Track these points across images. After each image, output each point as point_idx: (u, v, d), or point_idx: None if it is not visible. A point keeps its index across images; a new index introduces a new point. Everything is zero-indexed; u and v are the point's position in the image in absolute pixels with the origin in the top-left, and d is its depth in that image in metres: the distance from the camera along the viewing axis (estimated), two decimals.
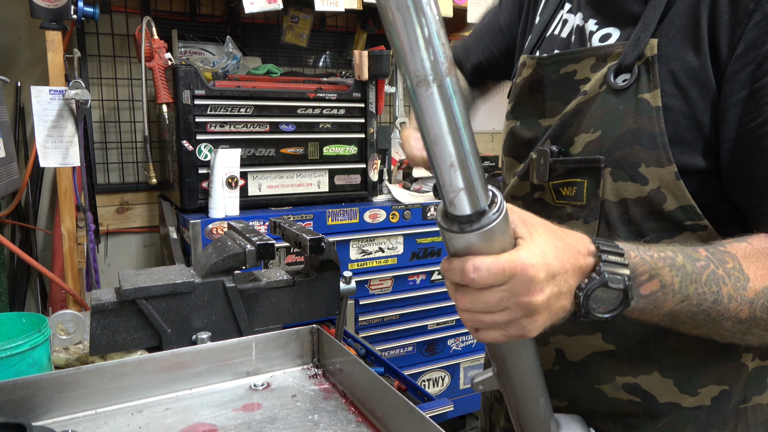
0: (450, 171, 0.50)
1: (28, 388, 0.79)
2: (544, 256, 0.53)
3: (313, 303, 1.13)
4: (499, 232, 0.53)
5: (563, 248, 0.56)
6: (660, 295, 0.59)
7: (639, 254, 0.59)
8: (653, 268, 0.59)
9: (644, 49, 0.69)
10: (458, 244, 0.54)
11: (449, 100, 0.48)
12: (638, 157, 0.69)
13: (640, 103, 0.69)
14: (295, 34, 2.62)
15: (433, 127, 0.49)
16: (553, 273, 0.54)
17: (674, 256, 0.60)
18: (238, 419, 0.82)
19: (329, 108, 2.18)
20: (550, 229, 0.58)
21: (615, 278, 0.56)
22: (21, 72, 2.27)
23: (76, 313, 1.07)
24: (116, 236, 2.52)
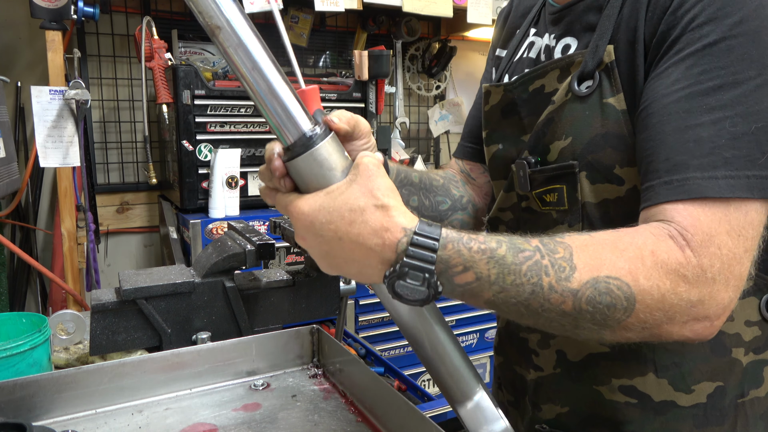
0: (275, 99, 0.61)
1: (28, 388, 0.79)
2: (318, 218, 0.58)
3: (313, 303, 1.13)
4: (313, 163, 0.59)
5: (352, 224, 0.57)
6: (475, 285, 0.59)
7: (456, 246, 0.58)
8: (468, 261, 0.58)
9: (602, 55, 0.72)
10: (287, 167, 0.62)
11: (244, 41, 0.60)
12: (611, 159, 0.71)
13: (605, 107, 0.71)
14: (295, 34, 2.62)
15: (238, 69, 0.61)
16: (318, 234, 0.59)
17: (496, 247, 0.59)
18: (238, 419, 0.82)
19: (329, 108, 2.19)
20: (366, 193, 0.58)
21: (415, 274, 0.57)
22: (21, 72, 2.27)
23: (76, 313, 1.07)
24: (116, 236, 2.52)
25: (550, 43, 0.83)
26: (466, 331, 2.53)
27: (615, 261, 0.58)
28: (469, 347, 2.56)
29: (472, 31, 2.99)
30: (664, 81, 0.64)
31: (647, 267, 0.57)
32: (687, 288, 0.57)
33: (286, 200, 0.62)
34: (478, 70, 3.34)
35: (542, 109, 0.80)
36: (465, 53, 3.23)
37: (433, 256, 0.57)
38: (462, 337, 2.52)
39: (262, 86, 0.61)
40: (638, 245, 0.58)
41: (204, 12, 0.56)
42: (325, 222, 0.58)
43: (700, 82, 0.62)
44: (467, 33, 3.04)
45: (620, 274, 0.57)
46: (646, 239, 0.59)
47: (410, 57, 3.01)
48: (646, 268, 0.57)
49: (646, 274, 0.57)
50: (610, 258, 0.58)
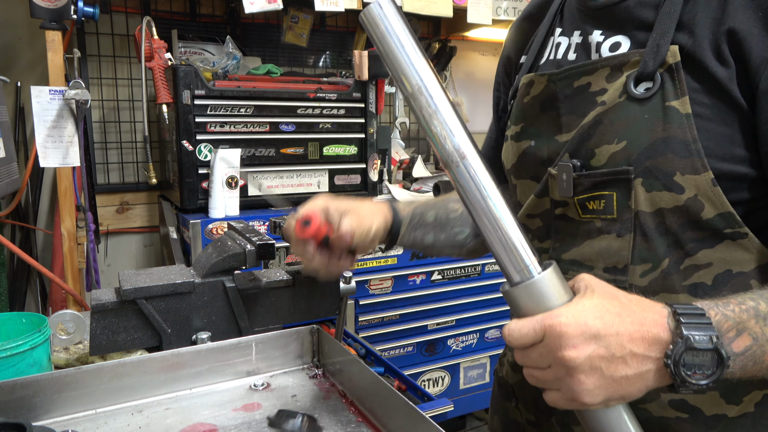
0: (491, 238, 0.61)
1: (28, 388, 0.79)
2: (582, 315, 0.55)
3: (313, 303, 1.13)
4: (541, 290, 0.58)
5: (618, 313, 0.56)
6: (756, 349, 0.57)
7: (719, 310, 0.57)
8: (739, 323, 0.57)
9: (665, 56, 0.68)
10: (510, 301, 0.61)
11: (474, 176, 0.60)
12: (672, 165, 0.68)
13: (668, 110, 0.68)
14: (295, 34, 2.62)
15: (469, 200, 0.61)
16: (593, 333, 0.54)
17: (756, 305, 0.58)
18: (238, 419, 0.82)
19: (329, 108, 2.19)
20: (612, 295, 0.57)
21: (702, 338, 0.54)
22: (21, 72, 2.27)
23: (76, 313, 1.07)
24: (116, 236, 2.52)
25: (597, 38, 0.78)
26: (465, 331, 2.53)
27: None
28: (469, 347, 2.56)
29: (472, 31, 2.99)
30: None
31: None
32: None
33: (537, 318, 0.57)
34: (478, 70, 3.34)
35: (584, 108, 0.77)
36: (465, 53, 3.23)
37: (707, 320, 0.56)
38: (462, 337, 2.52)
39: (496, 218, 0.61)
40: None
41: None
42: (598, 319, 0.55)
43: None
44: (467, 33, 3.04)
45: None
46: None
47: None
48: None
49: None
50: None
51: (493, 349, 2.62)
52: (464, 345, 2.54)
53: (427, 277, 2.37)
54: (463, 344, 2.53)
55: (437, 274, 2.40)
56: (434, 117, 0.60)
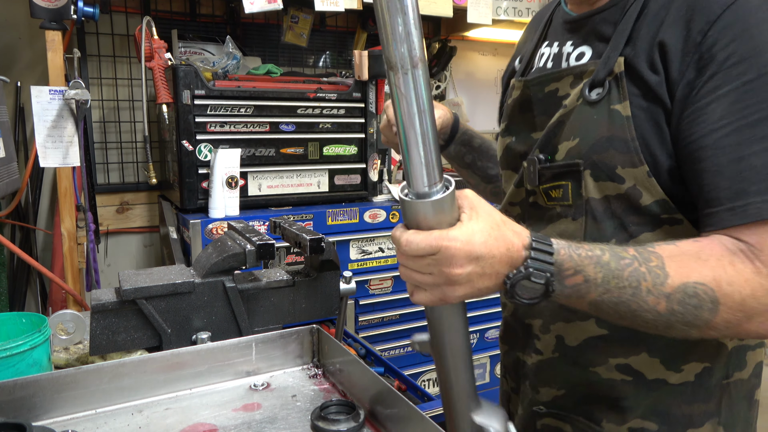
0: (412, 148, 0.63)
1: (28, 388, 0.79)
2: (471, 239, 0.63)
3: (313, 303, 1.13)
4: (441, 208, 0.63)
5: (496, 237, 0.64)
6: (583, 287, 0.67)
7: (568, 252, 0.67)
8: (578, 265, 0.67)
9: (613, 66, 0.79)
10: (408, 212, 0.65)
11: (418, 88, 0.60)
12: (614, 160, 0.78)
13: (612, 113, 0.78)
14: (295, 34, 2.62)
15: (403, 109, 0.61)
16: (477, 256, 0.63)
17: (601, 254, 0.68)
18: (238, 419, 0.82)
19: (329, 108, 2.18)
20: (492, 219, 0.65)
21: (539, 274, 0.65)
22: (21, 72, 2.27)
23: (76, 313, 1.07)
24: (116, 236, 2.52)
25: (567, 49, 0.89)
26: None
27: (700, 269, 0.67)
28: None
29: (472, 31, 2.98)
30: (710, 117, 0.71)
31: (729, 275, 0.66)
32: (764, 293, 0.66)
33: (441, 237, 0.63)
34: (478, 70, 3.34)
35: (553, 110, 0.87)
36: (465, 53, 3.23)
37: (552, 258, 0.66)
38: None
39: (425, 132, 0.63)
40: (718, 256, 0.68)
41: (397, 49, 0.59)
42: (482, 243, 0.64)
43: (746, 116, 0.69)
44: (467, 33, 3.04)
45: (706, 281, 0.66)
46: (723, 252, 0.68)
47: None
48: (728, 276, 0.66)
49: (728, 280, 0.66)
50: (696, 267, 0.67)
51: (493, 349, 2.62)
52: None
53: None
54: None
55: None
56: (400, 14, 0.58)
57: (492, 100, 3.45)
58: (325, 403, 0.81)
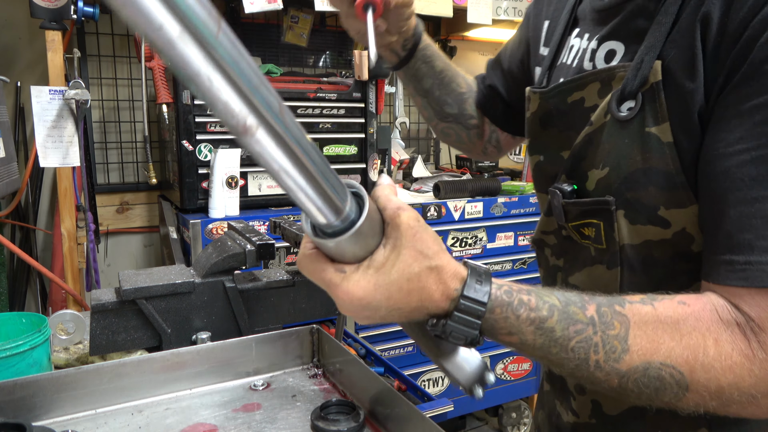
0: (295, 196, 0.47)
1: (28, 388, 0.79)
2: (367, 295, 0.51)
3: (313, 303, 1.13)
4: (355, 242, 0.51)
5: (409, 291, 0.52)
6: (520, 347, 0.57)
7: (504, 313, 0.55)
8: (514, 328, 0.55)
9: (648, 73, 0.61)
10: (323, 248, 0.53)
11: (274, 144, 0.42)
12: (655, 199, 0.62)
13: (647, 138, 0.61)
14: (295, 34, 2.62)
15: (270, 167, 0.44)
16: (375, 307, 0.52)
17: (547, 317, 0.55)
18: (238, 419, 0.82)
19: (329, 108, 2.19)
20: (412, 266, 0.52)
21: (458, 336, 0.54)
22: (21, 72, 2.27)
23: (76, 313, 1.07)
24: (116, 236, 2.52)
25: (593, 45, 0.71)
26: None
27: (673, 347, 0.54)
28: None
29: (472, 31, 2.98)
30: (727, 136, 0.55)
31: (708, 357, 0.53)
32: (751, 383, 0.53)
33: (332, 284, 0.53)
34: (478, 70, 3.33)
35: (579, 124, 0.71)
36: (465, 53, 3.23)
37: (477, 322, 0.54)
38: None
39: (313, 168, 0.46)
40: (702, 331, 0.54)
41: None
42: (383, 299, 0.52)
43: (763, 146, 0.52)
44: (467, 33, 3.04)
45: (676, 363, 0.53)
46: (711, 324, 0.54)
47: None
48: (707, 359, 0.53)
49: (706, 365, 0.53)
50: (669, 343, 0.54)
51: (493, 349, 2.62)
52: None
53: None
54: None
55: None
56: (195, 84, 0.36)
57: None
58: (325, 403, 0.81)
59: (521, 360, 2.74)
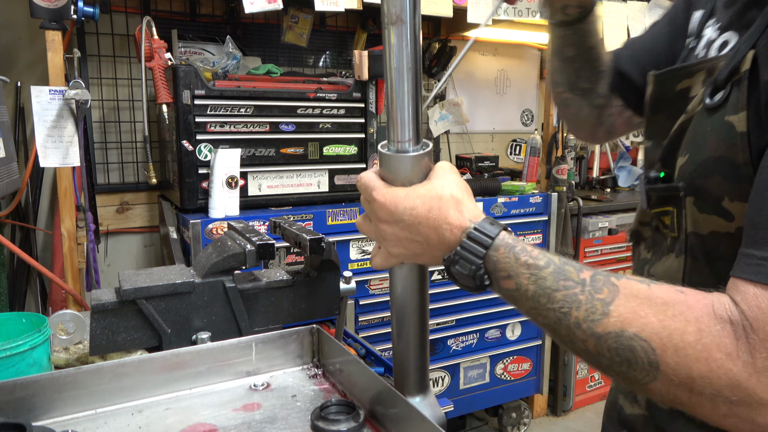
0: (391, 100, 0.66)
1: (28, 388, 0.79)
2: (398, 200, 0.64)
3: (313, 303, 1.13)
4: (407, 165, 0.66)
5: (430, 208, 0.63)
6: (515, 294, 0.60)
7: (506, 253, 0.60)
8: (512, 270, 0.60)
9: (739, 62, 0.60)
10: (382, 161, 0.69)
11: (402, 43, 0.63)
12: (720, 189, 0.62)
13: (725, 126, 0.61)
14: (295, 34, 2.62)
15: (396, 61, 0.64)
16: (399, 218, 0.64)
17: (543, 266, 0.59)
18: (238, 419, 0.82)
19: (329, 108, 2.18)
20: (439, 191, 0.63)
21: (465, 265, 0.61)
22: (21, 72, 2.27)
23: (76, 313, 1.07)
24: (116, 236, 2.52)
25: (715, 35, 0.72)
26: (466, 331, 2.53)
27: (652, 323, 0.53)
28: (469, 347, 2.57)
29: (472, 31, 2.98)
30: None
31: (684, 343, 0.52)
32: (727, 383, 0.50)
33: (373, 185, 0.66)
34: (478, 70, 3.34)
35: (680, 114, 0.71)
36: None
37: (482, 251, 0.60)
38: (462, 337, 2.52)
39: (407, 88, 0.66)
40: (688, 318, 0.52)
41: None
42: (409, 207, 0.63)
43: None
44: (467, 33, 3.04)
45: (649, 338, 0.53)
46: (701, 315, 0.52)
47: None
48: (682, 343, 0.52)
49: (680, 349, 0.52)
50: (651, 319, 0.53)
51: (493, 349, 2.62)
52: (464, 345, 2.54)
53: None
54: (463, 344, 2.54)
55: (437, 274, 2.40)
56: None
57: (492, 100, 3.45)
58: (325, 403, 0.81)
59: (521, 360, 2.74)
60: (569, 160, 2.90)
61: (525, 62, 3.51)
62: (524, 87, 3.54)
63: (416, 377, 0.80)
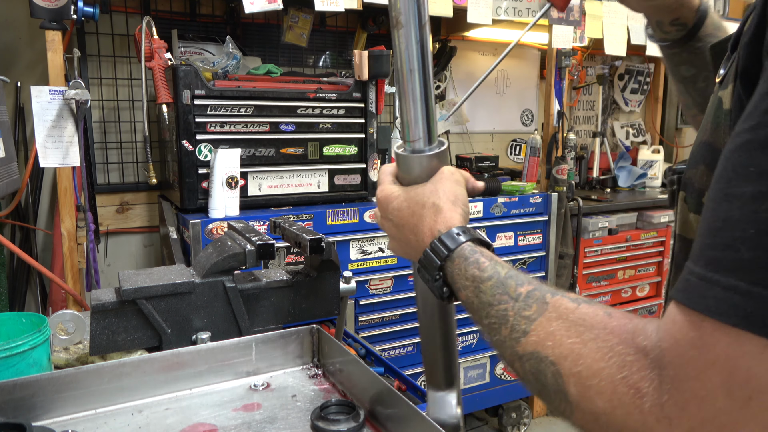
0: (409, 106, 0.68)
1: (28, 388, 0.79)
2: (390, 200, 0.69)
3: (313, 303, 1.13)
4: (410, 164, 0.69)
5: (412, 213, 0.67)
6: (466, 306, 0.60)
7: (461, 264, 0.60)
8: (462, 281, 0.60)
9: (743, 25, 0.50)
10: (396, 159, 0.72)
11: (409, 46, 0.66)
12: (701, 182, 0.53)
13: (715, 103, 0.52)
14: (295, 34, 2.62)
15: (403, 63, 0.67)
16: (387, 216, 0.70)
17: (487, 279, 0.57)
18: (238, 419, 0.82)
19: (329, 108, 2.18)
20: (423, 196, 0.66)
21: (424, 274, 0.64)
22: (21, 72, 2.27)
23: (76, 313, 1.07)
24: (116, 236, 2.52)
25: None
26: (465, 332, 2.53)
27: (564, 346, 0.47)
28: (469, 347, 2.56)
29: (472, 31, 2.98)
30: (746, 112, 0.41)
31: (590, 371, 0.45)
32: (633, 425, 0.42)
33: (381, 179, 0.72)
34: (478, 70, 3.34)
35: None
36: (465, 53, 3.23)
37: (437, 262, 0.62)
38: (462, 337, 2.52)
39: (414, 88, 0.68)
40: (601, 345, 0.45)
41: None
42: (396, 208, 0.68)
43: (762, 125, 0.39)
44: (467, 33, 3.04)
45: (559, 363, 0.47)
46: (617, 342, 0.44)
47: None
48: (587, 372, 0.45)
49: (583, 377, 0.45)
50: (564, 341, 0.47)
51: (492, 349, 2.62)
52: (464, 345, 2.54)
53: None
54: (463, 344, 2.53)
55: None
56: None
57: (492, 100, 3.45)
58: (325, 403, 0.81)
59: None
60: (569, 160, 2.90)
61: (525, 62, 3.51)
62: (524, 87, 3.54)
63: (439, 371, 0.82)
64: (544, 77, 3.30)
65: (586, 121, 3.79)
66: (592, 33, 2.77)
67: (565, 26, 2.68)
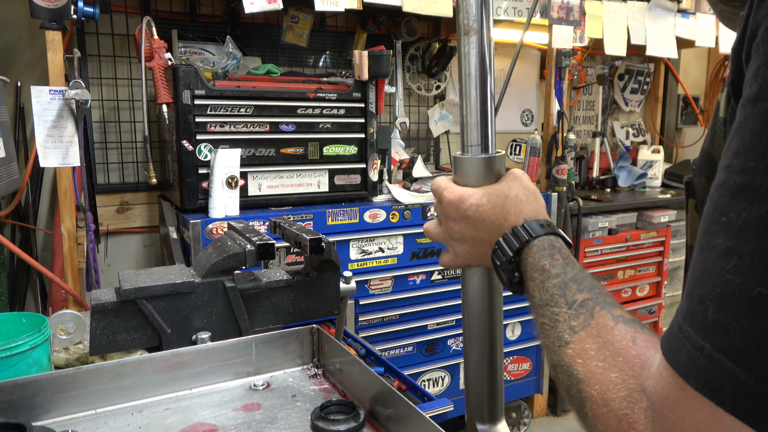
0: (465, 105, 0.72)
1: (28, 388, 0.79)
2: (466, 197, 0.68)
3: (313, 303, 1.13)
4: (474, 167, 0.71)
5: (494, 205, 0.66)
6: (528, 297, 0.61)
7: (537, 254, 0.60)
8: (531, 272, 0.60)
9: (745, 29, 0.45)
10: (455, 165, 0.73)
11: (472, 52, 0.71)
12: (704, 195, 0.48)
13: (716, 107, 0.51)
14: (295, 34, 2.62)
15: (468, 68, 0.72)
16: (465, 214, 0.67)
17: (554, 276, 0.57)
18: (238, 419, 0.82)
19: (329, 108, 2.19)
20: (503, 190, 0.66)
21: (499, 255, 0.64)
22: (21, 72, 2.27)
23: (76, 313, 1.07)
24: (116, 236, 2.52)
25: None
26: None
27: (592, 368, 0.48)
28: None
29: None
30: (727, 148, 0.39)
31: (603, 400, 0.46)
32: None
33: (444, 185, 0.71)
34: None
35: None
36: None
37: (516, 246, 0.62)
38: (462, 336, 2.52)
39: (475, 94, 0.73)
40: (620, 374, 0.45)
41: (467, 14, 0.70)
42: (475, 204, 0.67)
43: (732, 168, 0.37)
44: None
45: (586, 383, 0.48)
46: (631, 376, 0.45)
47: (410, 57, 3.01)
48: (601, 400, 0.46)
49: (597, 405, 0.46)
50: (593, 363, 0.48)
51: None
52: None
53: (427, 277, 2.37)
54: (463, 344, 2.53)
55: (437, 274, 2.40)
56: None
57: None
58: (325, 403, 0.81)
59: (521, 360, 2.74)
60: (569, 160, 2.90)
61: (525, 62, 3.51)
62: (524, 87, 3.54)
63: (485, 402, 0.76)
64: (544, 77, 3.30)
65: (586, 121, 3.79)
66: (592, 33, 2.77)
67: (565, 26, 2.68)
